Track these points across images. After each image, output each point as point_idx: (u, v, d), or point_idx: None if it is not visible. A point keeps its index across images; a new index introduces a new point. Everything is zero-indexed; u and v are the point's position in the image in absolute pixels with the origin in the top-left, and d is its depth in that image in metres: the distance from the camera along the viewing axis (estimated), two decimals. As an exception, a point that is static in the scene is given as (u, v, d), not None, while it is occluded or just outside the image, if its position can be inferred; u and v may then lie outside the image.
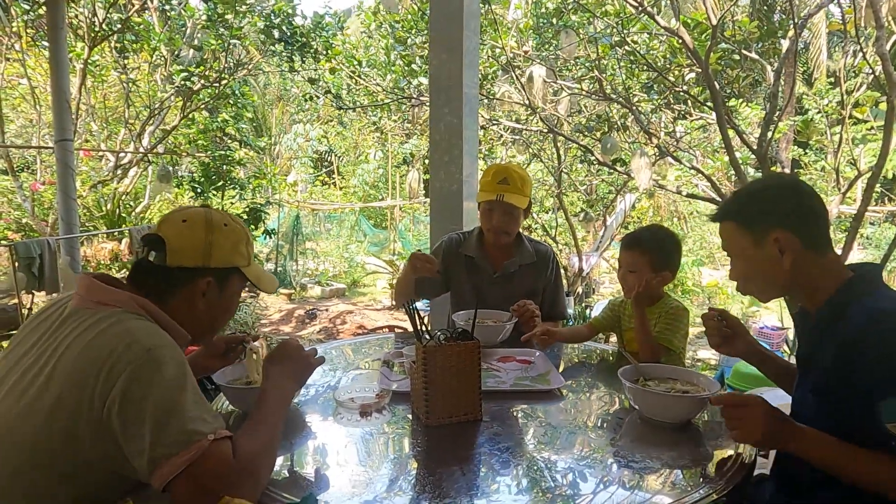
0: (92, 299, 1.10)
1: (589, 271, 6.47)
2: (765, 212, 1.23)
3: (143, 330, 1.06)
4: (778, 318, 6.08)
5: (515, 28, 5.82)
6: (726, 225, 1.29)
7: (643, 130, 4.96)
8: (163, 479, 0.95)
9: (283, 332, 6.40)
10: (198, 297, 1.20)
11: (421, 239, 9.91)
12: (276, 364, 1.29)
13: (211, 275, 1.20)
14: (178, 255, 1.17)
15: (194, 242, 1.19)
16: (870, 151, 5.76)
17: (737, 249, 1.28)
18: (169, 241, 1.17)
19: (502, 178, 2.11)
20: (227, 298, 1.27)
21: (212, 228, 1.21)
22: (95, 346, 1.01)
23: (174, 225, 1.19)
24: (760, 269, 1.25)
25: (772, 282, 1.25)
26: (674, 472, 1.18)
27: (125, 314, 1.08)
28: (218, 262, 1.21)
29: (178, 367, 1.03)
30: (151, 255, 1.18)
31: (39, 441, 0.98)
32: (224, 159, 7.26)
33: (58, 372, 1.01)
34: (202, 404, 1.03)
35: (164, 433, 0.95)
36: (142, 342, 1.01)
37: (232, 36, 6.23)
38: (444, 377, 1.35)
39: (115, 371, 0.97)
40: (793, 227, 1.20)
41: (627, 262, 1.88)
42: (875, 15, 3.00)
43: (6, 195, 7.32)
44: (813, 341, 1.23)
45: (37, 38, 6.35)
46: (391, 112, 7.81)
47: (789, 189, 1.25)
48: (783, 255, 1.20)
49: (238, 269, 1.26)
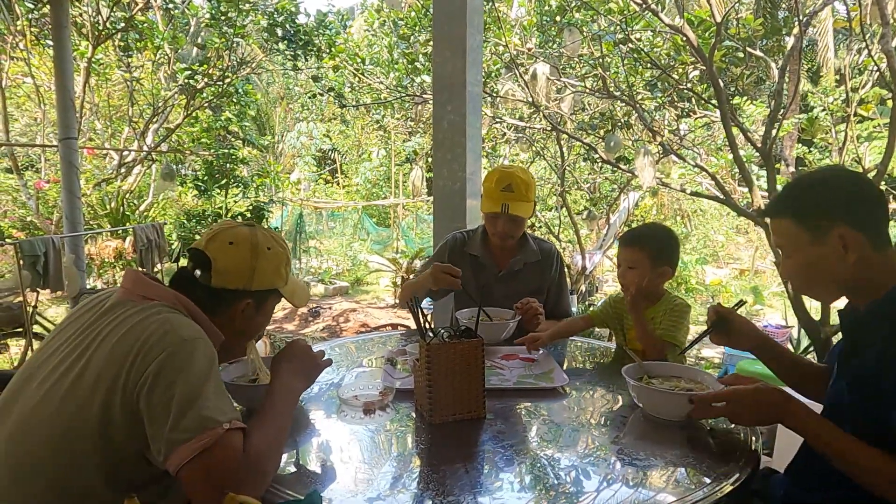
0: (137, 293, 1.15)
1: (592, 269, 6.47)
2: (825, 207, 1.16)
3: (183, 322, 1.10)
4: (782, 317, 6.07)
5: (519, 25, 5.80)
6: (782, 221, 1.21)
7: (647, 128, 4.94)
8: (176, 463, 0.96)
9: (287, 330, 6.41)
10: (237, 316, 1.25)
11: (424, 237, 9.91)
12: (285, 363, 1.31)
13: (251, 297, 1.25)
14: (222, 277, 1.21)
15: (240, 267, 1.22)
16: (875, 149, 5.73)
17: (791, 249, 1.21)
18: (216, 262, 1.21)
19: (506, 185, 2.07)
20: (262, 316, 1.31)
21: (257, 253, 1.24)
22: (134, 332, 1.05)
23: (222, 247, 1.23)
24: (821, 267, 1.18)
25: (835, 280, 1.18)
26: (677, 469, 1.18)
27: (166, 307, 1.12)
28: (259, 285, 1.25)
29: (208, 360, 1.06)
30: (197, 273, 1.22)
31: (74, 428, 1.00)
32: (227, 157, 7.27)
33: (96, 357, 1.04)
34: (223, 397, 1.05)
35: (182, 418, 0.98)
36: (179, 332, 1.06)
37: (235, 34, 6.24)
38: (448, 375, 1.35)
39: (151, 355, 1.01)
40: (858, 223, 1.13)
41: (627, 259, 1.87)
42: (881, 12, 2.98)
43: (11, 193, 7.36)
44: (858, 338, 1.17)
45: (41, 37, 6.37)
46: (394, 110, 7.81)
47: (851, 182, 1.18)
48: (847, 252, 1.14)
49: (276, 290, 1.30)
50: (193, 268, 1.23)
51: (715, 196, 4.47)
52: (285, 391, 1.24)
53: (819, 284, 1.22)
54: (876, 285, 1.15)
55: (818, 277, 1.20)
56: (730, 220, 9.78)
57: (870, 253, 1.14)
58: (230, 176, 7.42)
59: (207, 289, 1.22)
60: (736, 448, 1.27)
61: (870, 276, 1.16)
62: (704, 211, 9.72)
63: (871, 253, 1.14)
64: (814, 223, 1.16)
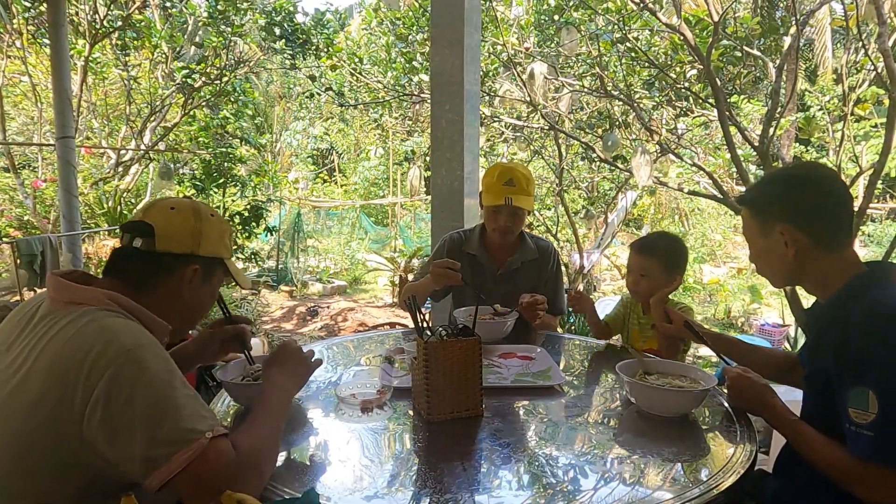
0: (62, 299, 1.07)
1: (590, 268, 6.47)
2: (771, 204, 1.25)
3: (122, 328, 1.02)
4: (779, 316, 6.08)
5: (517, 25, 5.80)
6: (743, 211, 1.33)
7: (644, 127, 4.95)
8: (161, 478, 0.93)
9: (285, 329, 6.40)
10: (184, 285, 1.19)
11: (422, 236, 9.91)
12: (276, 366, 1.31)
13: (198, 263, 1.19)
14: (167, 240, 1.16)
15: (184, 229, 1.18)
16: (872, 148, 5.75)
17: (748, 236, 1.32)
18: (158, 227, 1.15)
19: (508, 179, 2.08)
20: (210, 289, 1.26)
21: (200, 217, 1.20)
22: (72, 347, 0.98)
23: (162, 211, 1.18)
24: (767, 258, 1.29)
25: (778, 271, 1.29)
26: (674, 467, 1.19)
27: (99, 312, 1.05)
28: (206, 250, 1.20)
29: (162, 363, 1.00)
30: (137, 242, 1.15)
31: (19, 443, 0.95)
32: (225, 156, 7.26)
33: (34, 374, 0.97)
34: (194, 399, 1.00)
35: (158, 432, 0.93)
36: (121, 341, 0.98)
37: (233, 33, 6.23)
38: (446, 373, 1.36)
39: (96, 372, 0.94)
40: (798, 223, 1.20)
41: (640, 267, 1.93)
42: (877, 11, 2.99)
43: (8, 192, 7.33)
44: (820, 331, 1.24)
45: (38, 36, 6.35)
46: (392, 109, 7.81)
47: (800, 183, 1.24)
48: (787, 248, 1.21)
49: (222, 261, 1.26)
50: (131, 240, 1.16)
51: (712, 195, 4.48)
52: (278, 393, 1.24)
53: (768, 272, 1.33)
54: (827, 281, 1.22)
55: (766, 266, 1.32)
56: (727, 219, 9.79)
57: (815, 251, 1.20)
58: (228, 175, 7.41)
59: (150, 258, 1.15)
60: (732, 445, 1.27)
61: (819, 274, 1.23)
62: (702, 210, 9.74)
63: (817, 252, 1.20)
64: (762, 218, 1.26)
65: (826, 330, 1.19)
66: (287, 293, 7.94)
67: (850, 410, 1.07)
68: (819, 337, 1.24)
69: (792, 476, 1.28)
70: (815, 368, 1.21)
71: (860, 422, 1.05)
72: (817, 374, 1.20)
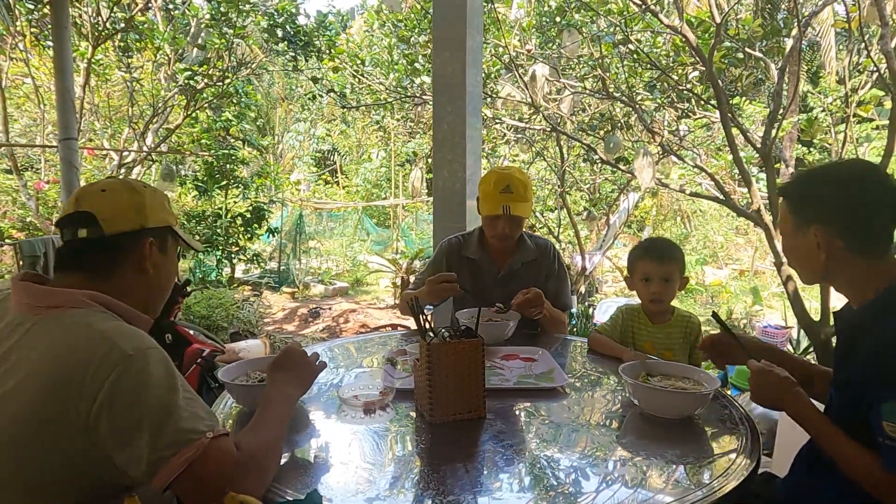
0: (41, 305, 1.03)
1: (592, 270, 6.47)
2: (809, 202, 1.21)
3: (117, 332, 1.00)
4: (782, 318, 6.07)
5: (518, 27, 5.81)
6: (783, 203, 1.28)
7: (646, 129, 4.95)
8: (163, 480, 0.93)
9: (287, 331, 6.40)
10: (146, 261, 1.16)
11: (424, 238, 9.92)
12: (280, 370, 1.31)
13: (151, 234, 1.17)
14: (113, 222, 1.12)
15: (124, 206, 1.15)
16: (874, 150, 5.74)
17: (783, 229, 1.29)
18: (97, 211, 1.12)
19: (505, 187, 2.06)
20: (169, 259, 1.23)
21: (135, 190, 1.17)
22: (67, 353, 0.96)
23: (95, 196, 1.14)
24: (798, 254, 1.26)
25: (808, 270, 1.26)
26: (677, 470, 1.18)
27: (85, 314, 1.03)
28: (154, 220, 1.18)
29: (164, 367, 0.99)
30: (82, 233, 1.11)
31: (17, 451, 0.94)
32: (227, 158, 7.28)
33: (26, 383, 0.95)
34: (194, 401, 1.01)
35: (161, 436, 0.93)
36: (121, 346, 0.96)
37: (235, 35, 6.24)
38: (448, 375, 1.36)
39: (98, 380, 0.93)
40: (834, 226, 1.15)
41: (661, 272, 1.93)
42: (880, 13, 2.99)
43: (10, 194, 7.35)
44: (852, 338, 1.18)
45: (41, 38, 6.37)
46: (394, 111, 7.82)
47: (841, 183, 1.18)
48: (819, 249, 1.17)
49: (172, 228, 1.23)
50: (74, 234, 1.12)
51: (714, 197, 4.47)
52: (282, 397, 1.24)
53: (798, 268, 1.30)
54: (860, 286, 1.17)
55: (797, 263, 1.29)
56: (729, 221, 9.78)
57: (850, 257, 1.16)
58: (230, 176, 7.42)
59: (103, 244, 1.12)
60: (736, 448, 1.27)
61: (852, 278, 1.18)
62: (704, 212, 9.74)
63: (852, 257, 1.16)
64: (798, 215, 1.22)
65: (859, 337, 1.14)
66: (289, 295, 7.94)
67: (884, 424, 1.03)
68: (850, 343, 1.18)
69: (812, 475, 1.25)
70: (846, 375, 1.17)
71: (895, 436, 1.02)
72: (847, 381, 1.16)
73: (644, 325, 1.99)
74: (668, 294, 1.95)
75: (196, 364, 2.75)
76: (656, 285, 1.94)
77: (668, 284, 1.93)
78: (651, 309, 1.99)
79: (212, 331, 5.25)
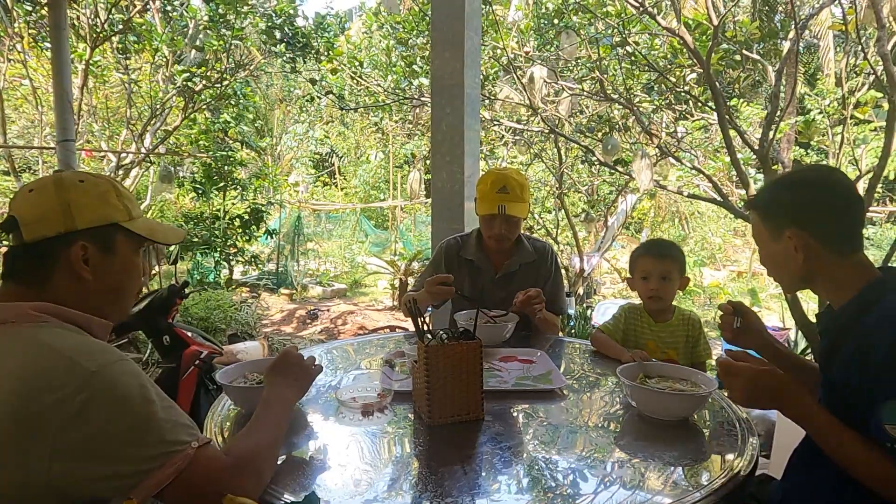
0: None
1: (590, 272, 6.47)
2: (780, 207, 1.23)
3: (75, 347, 0.93)
4: (779, 319, 6.08)
5: (516, 29, 5.82)
6: (752, 214, 1.31)
7: (644, 131, 4.96)
8: (149, 491, 0.90)
9: (285, 333, 6.40)
10: (79, 267, 1.03)
11: (422, 239, 9.92)
12: (277, 374, 1.31)
13: (83, 238, 1.03)
14: (33, 227, 1.01)
15: (46, 208, 1.02)
16: (871, 152, 5.75)
17: (758, 240, 1.30)
18: (20, 215, 1.02)
19: (501, 187, 2.08)
20: (121, 261, 1.09)
21: (64, 188, 1.04)
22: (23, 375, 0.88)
23: (22, 197, 1.04)
24: (777, 262, 1.27)
25: (789, 275, 1.26)
26: (675, 471, 1.18)
27: (35, 329, 0.95)
28: (85, 221, 1.03)
29: (133, 379, 0.93)
30: (7, 240, 1.04)
31: None
32: (226, 160, 7.27)
33: None
34: (173, 409, 0.97)
35: (143, 449, 0.90)
36: (82, 364, 0.89)
37: (234, 37, 6.24)
38: (446, 377, 1.36)
39: (66, 401, 0.86)
40: (807, 227, 1.18)
41: (663, 271, 1.94)
42: (876, 15, 2.99)
43: (8, 196, 7.34)
44: (835, 338, 1.19)
45: (39, 39, 6.36)
46: (392, 112, 7.83)
47: (808, 186, 1.22)
48: (797, 252, 1.19)
49: (118, 225, 1.08)
50: (5, 240, 1.05)
51: (712, 198, 4.48)
52: (279, 400, 1.24)
53: (778, 276, 1.31)
54: (840, 286, 1.19)
55: (777, 270, 1.30)
56: (727, 223, 9.81)
57: (826, 256, 1.18)
58: (228, 178, 7.42)
59: (29, 251, 1.01)
60: (733, 450, 1.27)
61: (831, 278, 1.20)
62: (702, 213, 9.76)
63: (828, 256, 1.18)
64: (772, 222, 1.24)
65: (842, 338, 1.15)
66: (287, 296, 7.94)
67: (885, 427, 1.00)
68: (834, 344, 1.19)
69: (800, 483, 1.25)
70: (832, 376, 1.17)
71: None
72: (833, 382, 1.16)
73: (647, 323, 2.00)
74: (667, 292, 1.95)
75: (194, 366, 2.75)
76: (654, 282, 1.94)
77: (667, 282, 1.93)
78: (650, 307, 1.99)
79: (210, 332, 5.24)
